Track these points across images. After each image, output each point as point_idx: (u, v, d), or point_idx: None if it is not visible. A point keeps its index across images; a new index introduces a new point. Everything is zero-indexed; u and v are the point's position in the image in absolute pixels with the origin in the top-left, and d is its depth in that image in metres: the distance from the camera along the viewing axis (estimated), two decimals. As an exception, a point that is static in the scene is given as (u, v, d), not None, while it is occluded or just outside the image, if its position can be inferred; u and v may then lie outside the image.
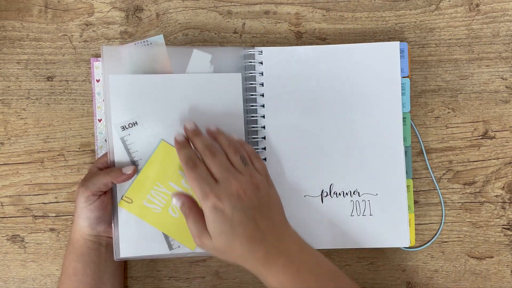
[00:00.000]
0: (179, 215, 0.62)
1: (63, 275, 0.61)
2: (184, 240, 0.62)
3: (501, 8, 0.69)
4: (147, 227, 0.62)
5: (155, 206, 0.62)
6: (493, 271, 0.68)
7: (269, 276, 0.53)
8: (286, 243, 0.55)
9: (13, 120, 0.68)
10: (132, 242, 0.62)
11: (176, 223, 0.62)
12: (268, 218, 0.55)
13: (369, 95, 0.66)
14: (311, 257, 0.56)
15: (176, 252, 0.63)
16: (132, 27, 0.68)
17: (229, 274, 0.68)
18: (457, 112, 0.69)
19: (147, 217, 0.62)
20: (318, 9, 0.69)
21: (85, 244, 0.61)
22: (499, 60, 0.69)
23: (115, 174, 0.60)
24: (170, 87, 0.62)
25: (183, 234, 0.62)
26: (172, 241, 0.62)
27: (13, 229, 0.68)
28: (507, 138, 0.69)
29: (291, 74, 0.66)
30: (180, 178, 0.62)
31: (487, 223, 0.68)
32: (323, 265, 0.55)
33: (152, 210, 0.62)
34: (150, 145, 0.62)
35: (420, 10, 0.69)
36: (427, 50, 0.69)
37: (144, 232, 0.62)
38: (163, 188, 0.62)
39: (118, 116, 0.61)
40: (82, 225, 0.60)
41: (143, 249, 0.62)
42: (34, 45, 0.68)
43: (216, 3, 0.69)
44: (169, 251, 0.62)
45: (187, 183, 0.61)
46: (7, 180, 0.68)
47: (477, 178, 0.68)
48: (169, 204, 0.62)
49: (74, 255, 0.61)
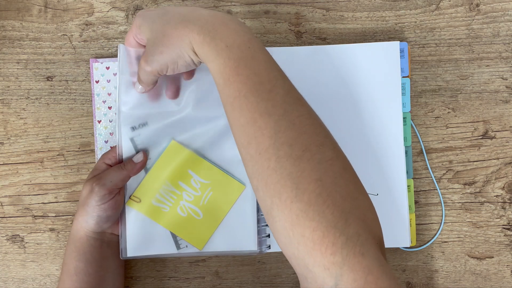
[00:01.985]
0: (188, 214, 0.62)
1: (64, 274, 0.60)
2: (192, 240, 0.62)
3: (501, 8, 0.69)
4: (155, 226, 0.62)
5: (163, 205, 0.62)
6: (493, 271, 0.68)
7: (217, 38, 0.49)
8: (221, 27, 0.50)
9: (12, 120, 0.68)
10: (139, 241, 0.61)
11: (184, 222, 0.62)
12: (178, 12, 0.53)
13: (369, 95, 0.66)
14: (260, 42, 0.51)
15: (183, 251, 0.63)
16: (132, 27, 0.68)
17: (229, 274, 0.68)
18: (457, 112, 0.69)
19: (156, 216, 0.62)
20: (318, 9, 0.69)
21: (87, 242, 0.60)
22: (499, 60, 0.69)
23: (129, 166, 0.60)
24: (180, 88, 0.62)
25: (191, 233, 0.62)
26: (180, 240, 0.62)
27: (13, 229, 0.68)
28: (507, 138, 0.69)
29: (291, 74, 0.66)
30: (189, 177, 0.62)
31: (487, 223, 0.68)
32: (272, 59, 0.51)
33: (161, 209, 0.62)
34: (160, 145, 0.62)
35: (420, 10, 0.69)
36: (427, 50, 0.69)
37: (151, 232, 0.62)
38: (172, 188, 0.62)
39: (128, 117, 0.61)
40: (89, 223, 0.59)
41: (150, 249, 0.62)
42: (34, 45, 0.68)
43: (216, 3, 0.69)
44: (177, 251, 0.62)
45: (197, 182, 0.62)
46: (7, 180, 0.68)
47: (477, 178, 0.68)
48: (178, 204, 0.62)
49: (76, 254, 0.60)
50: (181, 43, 0.51)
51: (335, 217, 0.43)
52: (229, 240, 0.63)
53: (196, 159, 0.62)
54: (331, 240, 0.42)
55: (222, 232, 0.63)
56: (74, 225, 0.61)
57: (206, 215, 0.62)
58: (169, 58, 0.53)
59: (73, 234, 0.61)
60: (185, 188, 0.62)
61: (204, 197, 0.62)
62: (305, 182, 0.44)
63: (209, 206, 0.62)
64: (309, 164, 0.44)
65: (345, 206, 0.43)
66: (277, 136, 0.45)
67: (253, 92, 0.47)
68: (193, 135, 0.62)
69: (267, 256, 0.68)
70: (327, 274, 0.42)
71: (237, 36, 0.49)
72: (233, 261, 0.68)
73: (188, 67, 0.54)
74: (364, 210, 0.45)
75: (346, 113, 0.66)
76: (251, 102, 0.47)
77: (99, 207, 0.58)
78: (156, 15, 0.54)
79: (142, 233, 0.62)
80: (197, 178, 0.62)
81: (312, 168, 0.44)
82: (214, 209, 0.63)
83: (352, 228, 0.43)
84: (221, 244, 0.63)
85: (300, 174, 0.44)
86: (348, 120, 0.66)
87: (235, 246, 0.63)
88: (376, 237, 0.44)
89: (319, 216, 0.43)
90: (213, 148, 0.63)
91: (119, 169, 0.60)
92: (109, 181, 0.59)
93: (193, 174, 0.62)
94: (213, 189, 0.62)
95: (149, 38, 0.54)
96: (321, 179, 0.44)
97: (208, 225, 0.63)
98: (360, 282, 0.41)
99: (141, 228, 0.62)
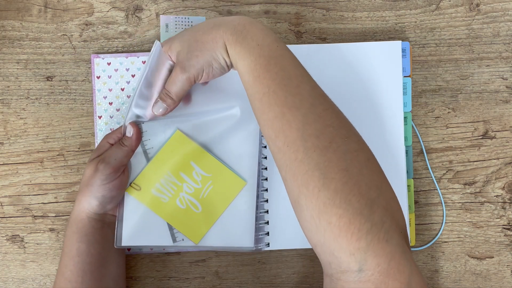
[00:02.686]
0: (186, 206, 0.62)
1: (65, 257, 0.59)
2: (188, 233, 0.62)
3: (502, 8, 0.69)
4: (153, 217, 0.61)
5: (163, 195, 0.62)
6: (493, 271, 0.68)
7: (249, 37, 0.53)
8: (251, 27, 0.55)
9: (12, 120, 0.68)
10: (135, 230, 0.61)
11: (182, 215, 0.62)
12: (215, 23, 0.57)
13: (371, 94, 0.66)
14: (283, 42, 0.55)
15: (179, 245, 0.62)
16: (132, 27, 0.68)
17: (229, 274, 0.68)
18: (458, 112, 0.69)
19: (154, 206, 0.61)
20: (318, 9, 0.69)
21: (89, 224, 0.59)
22: (499, 60, 0.69)
23: (128, 141, 0.61)
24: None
25: (188, 226, 0.62)
26: (177, 233, 0.62)
27: (13, 229, 0.68)
28: (507, 138, 0.69)
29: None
30: (191, 169, 0.62)
31: (487, 223, 0.68)
32: (296, 58, 0.55)
33: (160, 200, 0.62)
34: (165, 134, 0.62)
35: (420, 10, 0.69)
36: (427, 50, 0.69)
37: (149, 221, 0.61)
38: (173, 178, 0.62)
39: (135, 104, 0.61)
40: (92, 204, 0.59)
41: (145, 239, 0.61)
42: (34, 45, 0.68)
43: (216, 3, 0.69)
44: (172, 243, 0.62)
45: (198, 175, 0.62)
46: (7, 180, 0.68)
47: (477, 178, 0.68)
48: (178, 195, 0.62)
49: (78, 235, 0.59)
50: (215, 45, 0.55)
51: (361, 204, 0.45)
52: (225, 236, 0.62)
53: (199, 151, 0.62)
54: (357, 226, 0.44)
55: (219, 227, 0.62)
56: (76, 207, 0.60)
57: (205, 208, 0.62)
58: (204, 61, 0.56)
59: (74, 216, 0.60)
60: (186, 179, 0.62)
61: (205, 190, 0.62)
62: (332, 171, 0.46)
63: (209, 200, 0.62)
64: (335, 154, 0.46)
65: (370, 194, 0.45)
66: (304, 128, 0.48)
67: (281, 88, 0.50)
68: (198, 127, 0.63)
69: (267, 256, 0.68)
70: (352, 259, 0.44)
71: (266, 35, 0.53)
72: (233, 261, 0.68)
73: (222, 71, 0.58)
74: (388, 199, 0.47)
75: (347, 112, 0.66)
76: (279, 97, 0.50)
77: (104, 186, 0.58)
78: (183, 31, 0.59)
79: (139, 222, 0.61)
80: (199, 171, 0.62)
81: (339, 158, 0.46)
82: (213, 203, 0.62)
83: (377, 215, 0.45)
84: (217, 240, 0.62)
85: (327, 164, 0.46)
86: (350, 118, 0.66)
87: (232, 242, 0.62)
88: (399, 226, 0.46)
89: (345, 203, 0.44)
90: (217, 143, 0.63)
91: (119, 146, 0.60)
92: (113, 159, 0.59)
93: (195, 166, 0.62)
94: (213, 182, 0.62)
95: (180, 50, 0.57)
96: (347, 169, 0.46)
97: (206, 219, 0.62)
98: (383, 267, 0.43)
99: (139, 217, 0.61)
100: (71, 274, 0.58)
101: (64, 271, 0.59)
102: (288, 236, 0.65)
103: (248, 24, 0.54)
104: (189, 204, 0.62)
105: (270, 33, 0.54)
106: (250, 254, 0.68)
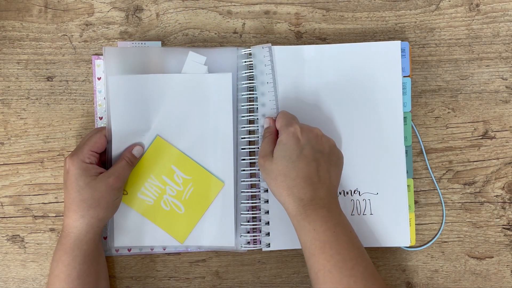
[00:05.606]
0: (170, 208, 0.65)
1: (64, 281, 0.59)
2: (174, 233, 0.66)
3: (501, 8, 0.69)
4: (140, 219, 0.65)
5: (148, 198, 0.65)
6: (493, 271, 0.68)
7: (306, 220, 0.56)
8: (332, 202, 0.58)
9: (13, 120, 0.68)
10: (125, 233, 0.65)
11: (167, 215, 0.65)
12: (328, 171, 0.59)
13: (370, 94, 0.66)
14: (347, 225, 0.59)
15: (165, 244, 0.66)
16: (132, 27, 0.68)
17: (229, 274, 0.68)
18: (457, 112, 0.69)
19: (140, 209, 0.65)
20: (318, 9, 0.69)
21: (94, 242, 0.60)
22: (499, 60, 0.69)
23: (135, 161, 0.65)
24: (164, 86, 0.65)
25: (173, 227, 0.65)
26: (163, 233, 0.65)
27: (13, 229, 0.68)
28: (507, 138, 0.69)
29: (292, 73, 0.66)
30: (173, 172, 0.65)
31: (487, 223, 0.68)
32: (355, 237, 0.59)
33: (145, 202, 0.65)
34: (145, 140, 0.65)
35: (420, 10, 0.69)
36: (427, 50, 0.69)
37: (136, 223, 0.65)
38: (157, 182, 0.65)
39: (116, 113, 0.64)
40: (105, 220, 0.61)
41: (134, 240, 0.65)
42: (34, 45, 0.68)
43: (216, 3, 0.69)
44: (158, 244, 0.66)
45: (179, 178, 0.65)
46: (7, 180, 0.68)
47: (477, 178, 0.68)
48: (162, 197, 0.65)
49: (82, 257, 0.59)
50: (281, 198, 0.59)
51: None
52: (208, 235, 0.66)
53: (179, 155, 0.65)
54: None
55: (202, 227, 0.66)
56: (82, 228, 0.59)
57: (188, 209, 0.65)
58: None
59: (79, 237, 0.59)
60: (168, 182, 0.65)
61: (186, 192, 0.66)
62: None
63: (191, 201, 0.65)
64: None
65: None
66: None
67: (336, 269, 0.55)
68: (178, 133, 0.65)
69: (267, 256, 0.68)
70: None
71: (323, 222, 0.56)
72: (233, 261, 0.68)
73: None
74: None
75: (347, 112, 0.66)
76: (335, 277, 0.54)
77: (118, 200, 0.62)
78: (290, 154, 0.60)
79: (129, 224, 0.65)
80: (180, 174, 0.65)
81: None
82: (195, 204, 0.66)
83: None
84: (201, 239, 0.66)
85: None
86: (349, 119, 0.66)
87: (214, 242, 0.66)
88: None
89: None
90: (195, 147, 0.66)
91: (129, 165, 0.63)
92: (124, 176, 0.62)
93: (176, 170, 0.65)
94: (194, 184, 0.65)
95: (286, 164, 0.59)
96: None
97: (189, 220, 0.66)
98: None
99: (127, 220, 0.65)
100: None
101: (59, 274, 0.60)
102: (288, 236, 0.65)
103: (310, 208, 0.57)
104: (172, 206, 0.66)
105: (329, 218, 0.57)
106: (250, 254, 0.68)
